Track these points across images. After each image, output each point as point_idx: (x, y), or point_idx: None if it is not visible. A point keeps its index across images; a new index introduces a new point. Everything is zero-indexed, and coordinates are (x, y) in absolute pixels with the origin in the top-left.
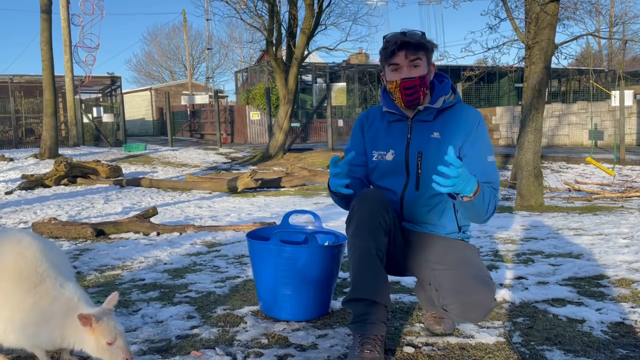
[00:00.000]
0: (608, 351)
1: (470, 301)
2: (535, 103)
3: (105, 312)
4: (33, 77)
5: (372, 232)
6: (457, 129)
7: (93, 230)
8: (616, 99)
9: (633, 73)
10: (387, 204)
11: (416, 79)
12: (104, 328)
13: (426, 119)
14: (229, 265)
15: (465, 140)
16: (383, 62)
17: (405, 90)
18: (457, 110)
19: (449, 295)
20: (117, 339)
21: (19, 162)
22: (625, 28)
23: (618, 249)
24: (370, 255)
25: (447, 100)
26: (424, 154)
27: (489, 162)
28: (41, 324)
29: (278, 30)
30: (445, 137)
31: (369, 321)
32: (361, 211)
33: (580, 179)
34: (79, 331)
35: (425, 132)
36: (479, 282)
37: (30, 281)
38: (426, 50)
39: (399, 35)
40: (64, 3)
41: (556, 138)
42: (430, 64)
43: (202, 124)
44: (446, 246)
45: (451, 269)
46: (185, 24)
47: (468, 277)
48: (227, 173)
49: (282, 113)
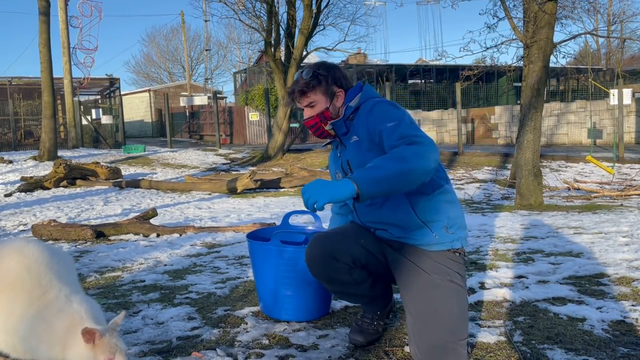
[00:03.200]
0: (609, 349)
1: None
2: (534, 102)
3: (109, 329)
4: (32, 79)
5: (330, 280)
6: (361, 125)
7: (93, 232)
8: (615, 97)
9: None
10: (334, 248)
11: (315, 117)
12: (104, 344)
13: (341, 131)
14: (229, 266)
15: (367, 128)
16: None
17: (310, 129)
18: (361, 107)
19: (412, 348)
20: (117, 356)
21: (18, 164)
22: (623, 27)
23: (618, 247)
24: (340, 292)
25: (351, 105)
26: (351, 159)
27: (389, 126)
28: (43, 337)
29: (277, 31)
30: (360, 137)
31: (365, 305)
32: (312, 270)
33: (580, 177)
34: (80, 347)
35: (348, 140)
36: (439, 349)
37: (34, 293)
38: (316, 86)
39: (294, 80)
40: (62, 5)
41: (555, 137)
42: (332, 95)
43: (201, 125)
44: (412, 285)
45: (414, 320)
46: (183, 25)
47: (428, 339)
48: (226, 174)
49: (281, 114)
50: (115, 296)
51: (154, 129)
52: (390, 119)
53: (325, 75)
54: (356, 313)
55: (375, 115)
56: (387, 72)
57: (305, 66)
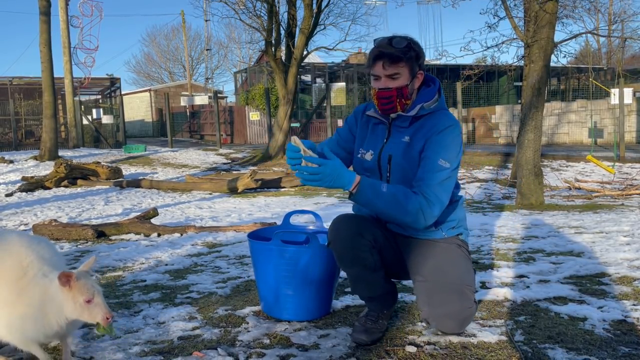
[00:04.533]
0: (610, 349)
1: (442, 313)
2: (534, 101)
3: (83, 274)
4: (32, 79)
5: (353, 260)
6: (424, 134)
7: (94, 232)
8: (615, 96)
9: (632, 71)
10: (360, 226)
11: (392, 90)
12: (81, 286)
13: (402, 125)
14: (230, 266)
15: (425, 144)
16: (366, 69)
17: (380, 99)
18: (433, 116)
19: (423, 308)
20: (95, 297)
21: (19, 164)
22: (624, 26)
23: (619, 246)
24: (359, 276)
25: (426, 107)
26: (393, 157)
27: (439, 164)
28: (26, 315)
29: (277, 30)
30: (412, 141)
31: (371, 302)
32: (336, 244)
33: (581, 177)
34: (58, 298)
35: (399, 136)
36: (448, 292)
37: (13, 275)
38: (408, 60)
39: (383, 44)
40: (62, 5)
41: (556, 136)
42: (414, 73)
43: (201, 125)
44: (424, 254)
45: (425, 281)
46: (184, 25)
47: (439, 288)
48: (227, 174)
49: (282, 113)
50: (116, 296)
51: (154, 128)
52: (445, 157)
53: (417, 51)
54: (357, 313)
55: (439, 141)
56: None
57: (395, 35)
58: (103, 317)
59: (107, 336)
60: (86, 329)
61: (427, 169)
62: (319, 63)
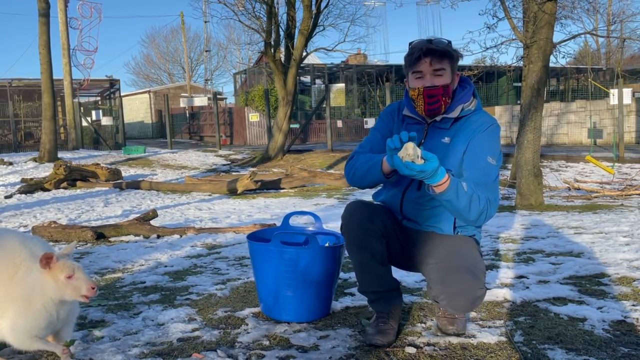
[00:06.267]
0: (610, 349)
1: (454, 291)
2: (534, 102)
3: (62, 255)
4: (32, 80)
5: (363, 245)
6: (466, 135)
7: (93, 234)
8: (615, 97)
9: (631, 71)
10: (372, 213)
11: (439, 87)
12: (60, 265)
13: (442, 126)
14: (230, 267)
15: (469, 142)
16: (407, 68)
17: (428, 98)
18: (473, 117)
19: (435, 286)
20: (76, 272)
21: (18, 165)
22: (623, 26)
23: (618, 247)
24: (366, 264)
25: (465, 108)
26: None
27: (488, 162)
28: (22, 312)
29: (276, 31)
30: (454, 142)
31: (378, 301)
32: (349, 228)
33: (580, 177)
34: (40, 282)
35: (438, 137)
36: (462, 272)
37: (7, 274)
38: (451, 59)
39: (425, 42)
40: (62, 6)
41: (555, 137)
42: (454, 73)
43: (201, 126)
44: (440, 241)
45: (439, 262)
46: (183, 26)
47: (452, 268)
48: (226, 175)
49: (281, 114)
50: (115, 297)
51: (154, 130)
52: (492, 155)
53: (457, 51)
54: (357, 314)
55: (485, 139)
56: (387, 72)
57: (434, 37)
58: (88, 287)
59: (106, 338)
60: (85, 330)
61: (479, 169)
62: (318, 64)
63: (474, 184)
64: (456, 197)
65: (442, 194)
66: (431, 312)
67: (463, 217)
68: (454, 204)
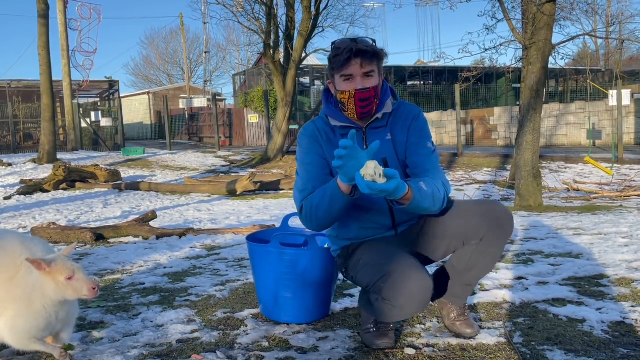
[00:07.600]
0: (609, 350)
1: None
2: (533, 103)
3: (59, 256)
4: (31, 82)
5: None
6: (402, 126)
7: (92, 235)
8: (614, 98)
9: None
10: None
11: (370, 89)
12: (59, 266)
13: (380, 124)
14: (229, 269)
15: (408, 132)
16: (333, 71)
17: (360, 102)
18: (400, 109)
19: (475, 220)
20: (76, 272)
21: (18, 167)
22: (621, 27)
23: (617, 248)
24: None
25: (392, 102)
26: (388, 158)
27: (429, 148)
28: (22, 313)
29: (276, 32)
30: (394, 136)
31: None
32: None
33: (579, 178)
34: (40, 283)
35: (380, 136)
36: (490, 202)
37: (7, 274)
38: (379, 59)
39: (352, 43)
40: (61, 8)
41: (554, 138)
42: (380, 74)
43: (200, 127)
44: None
45: (462, 207)
46: (182, 28)
47: (479, 203)
48: (225, 176)
49: (281, 115)
50: (114, 299)
51: (153, 131)
52: (429, 139)
53: (383, 51)
54: (356, 315)
55: (420, 127)
56: (386, 73)
57: (356, 36)
58: (88, 288)
59: (105, 339)
60: (84, 331)
61: (424, 155)
62: (317, 65)
63: (425, 171)
64: (420, 200)
65: (407, 205)
66: (430, 313)
67: (429, 212)
68: (420, 206)
